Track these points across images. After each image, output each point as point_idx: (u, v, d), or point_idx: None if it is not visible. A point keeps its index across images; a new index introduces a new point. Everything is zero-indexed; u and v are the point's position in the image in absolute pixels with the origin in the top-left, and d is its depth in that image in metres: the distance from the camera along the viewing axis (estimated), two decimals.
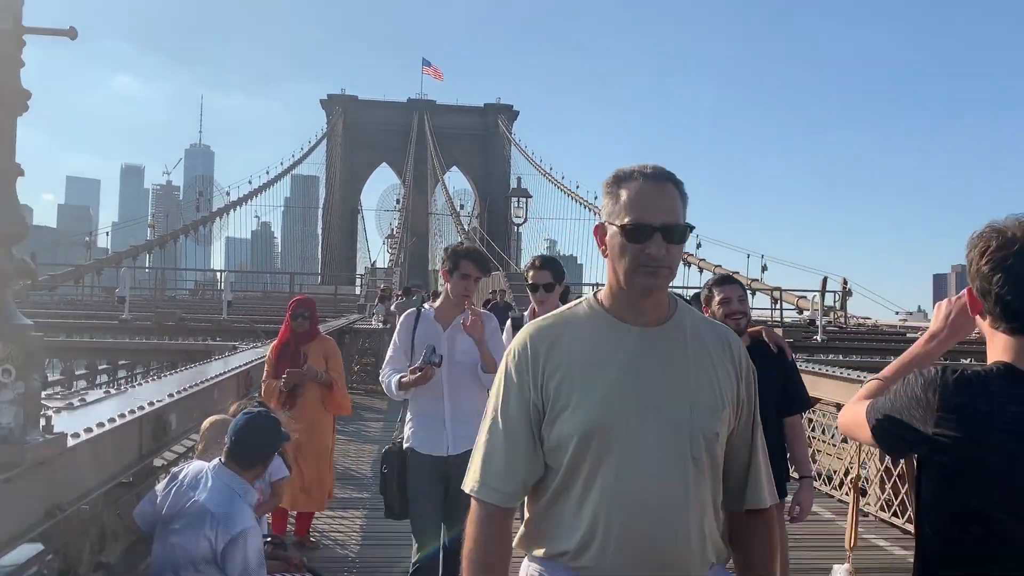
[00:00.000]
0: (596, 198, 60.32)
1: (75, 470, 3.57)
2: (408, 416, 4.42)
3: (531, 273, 4.81)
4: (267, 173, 72.61)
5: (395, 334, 4.54)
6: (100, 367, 15.49)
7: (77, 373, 15.48)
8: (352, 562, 6.18)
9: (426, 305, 4.61)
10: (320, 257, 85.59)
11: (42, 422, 3.25)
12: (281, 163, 76.04)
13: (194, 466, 3.59)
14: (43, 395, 5.19)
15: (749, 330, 4.16)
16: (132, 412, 4.36)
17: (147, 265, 46.00)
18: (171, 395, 4.95)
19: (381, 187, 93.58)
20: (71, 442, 3.47)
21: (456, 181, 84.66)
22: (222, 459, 3.45)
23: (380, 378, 4.49)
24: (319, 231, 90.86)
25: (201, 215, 53.28)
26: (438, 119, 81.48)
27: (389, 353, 4.54)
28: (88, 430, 3.72)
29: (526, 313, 5.01)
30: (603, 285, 1.97)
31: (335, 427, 7.14)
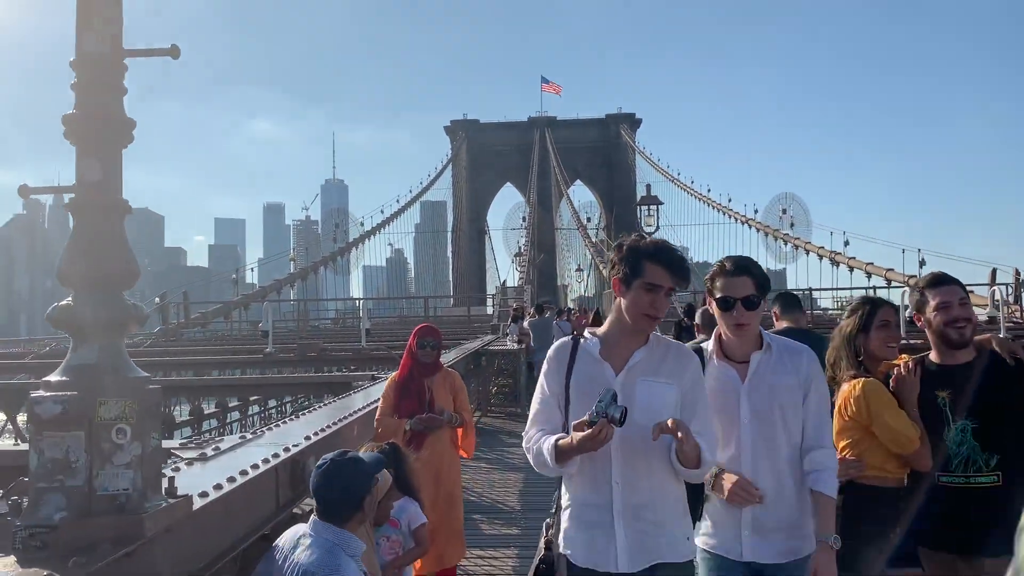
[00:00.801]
0: (730, 200, 58.59)
1: (204, 533, 3.23)
2: (563, 503, 2.97)
3: (720, 282, 3.14)
4: (397, 202, 74.56)
5: (541, 378, 3.12)
6: (251, 400, 15.86)
7: (230, 405, 15.92)
8: None
9: (587, 334, 3.06)
10: (451, 280, 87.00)
11: (164, 483, 2.91)
12: (410, 191, 77.93)
13: (291, 530, 3.18)
14: (179, 443, 5.02)
15: (977, 338, 3.37)
16: (267, 461, 4.04)
17: (291, 298, 47.90)
18: (308, 437, 4.62)
19: (507, 206, 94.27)
20: (198, 503, 3.13)
21: (581, 195, 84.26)
22: (316, 515, 3.03)
23: (524, 444, 3.03)
24: (449, 254, 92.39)
25: (338, 246, 54.99)
26: (559, 134, 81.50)
27: (534, 407, 3.09)
28: (218, 487, 3.38)
29: (706, 345, 3.24)
30: None
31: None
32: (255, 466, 3.92)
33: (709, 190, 61.31)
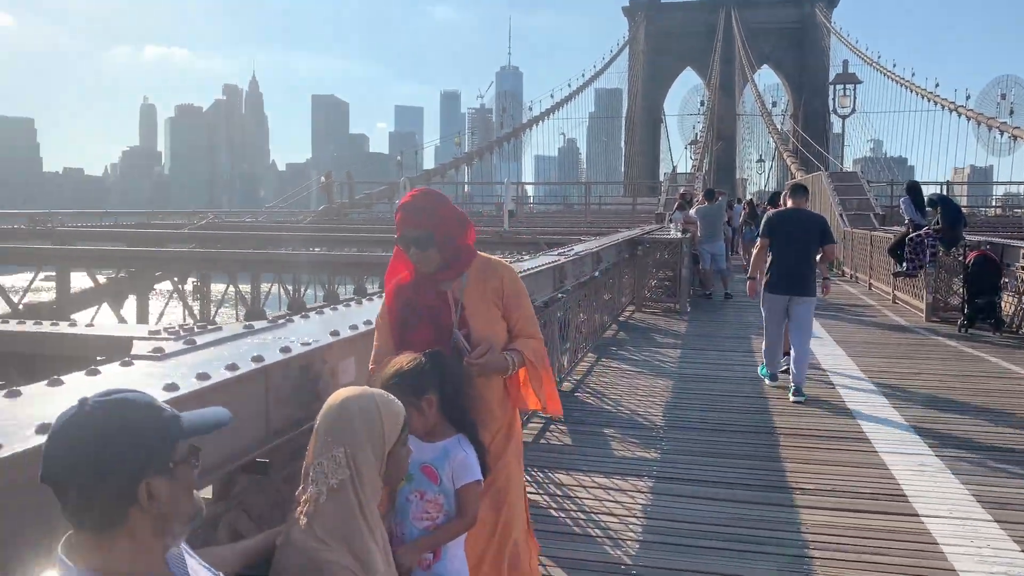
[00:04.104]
0: (937, 86, 52.03)
1: None
2: None
3: None
4: (568, 87, 72.03)
5: None
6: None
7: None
8: None
9: None
10: (623, 170, 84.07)
11: None
12: (583, 75, 75.02)
13: None
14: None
15: None
16: (258, 359, 2.70)
17: (464, 181, 47.45)
18: (335, 333, 3.23)
19: (684, 91, 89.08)
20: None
21: (767, 79, 78.00)
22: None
23: None
24: (622, 144, 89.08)
25: (505, 131, 53.79)
26: (746, 14, 74.98)
27: None
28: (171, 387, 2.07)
29: None
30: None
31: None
32: (232, 366, 2.60)
33: (913, 74, 54.55)
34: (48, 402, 2.09)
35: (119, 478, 1.45)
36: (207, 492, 2.79)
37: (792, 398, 7.88)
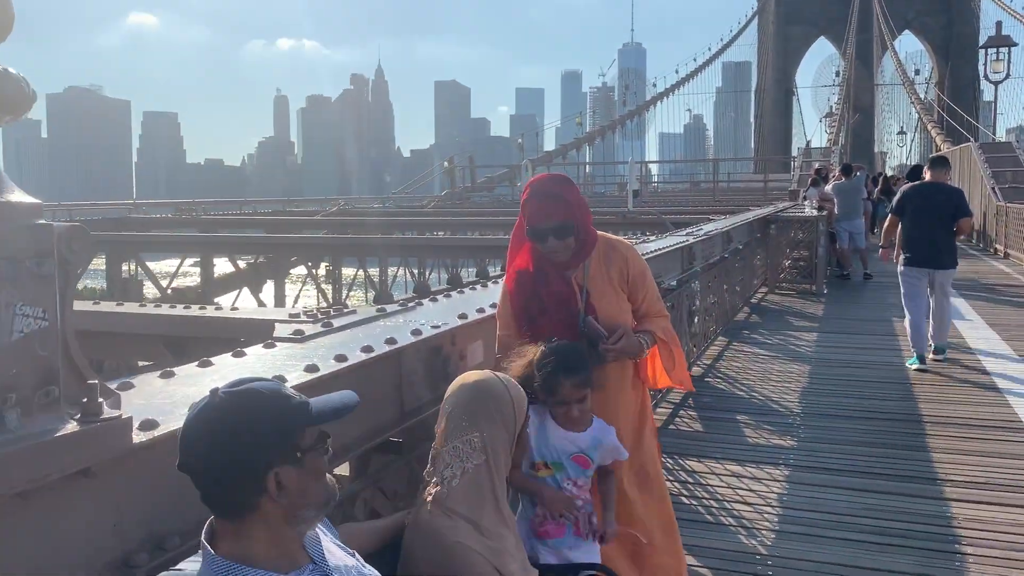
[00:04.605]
0: None
1: None
2: None
3: None
4: (695, 61, 70.37)
5: None
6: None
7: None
8: None
9: None
10: (753, 146, 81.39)
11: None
12: (709, 49, 73.10)
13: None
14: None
15: None
16: (392, 342, 2.75)
17: (586, 162, 47.16)
18: (463, 316, 3.25)
19: (817, 62, 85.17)
20: None
21: (908, 46, 73.50)
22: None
23: None
24: (752, 118, 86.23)
25: (627, 109, 53.06)
26: None
27: None
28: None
29: None
30: None
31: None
32: (367, 348, 2.65)
33: None
34: (199, 382, 2.19)
35: (248, 470, 1.48)
36: (345, 469, 2.89)
37: (932, 357, 8.26)
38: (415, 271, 24.11)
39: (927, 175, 8.76)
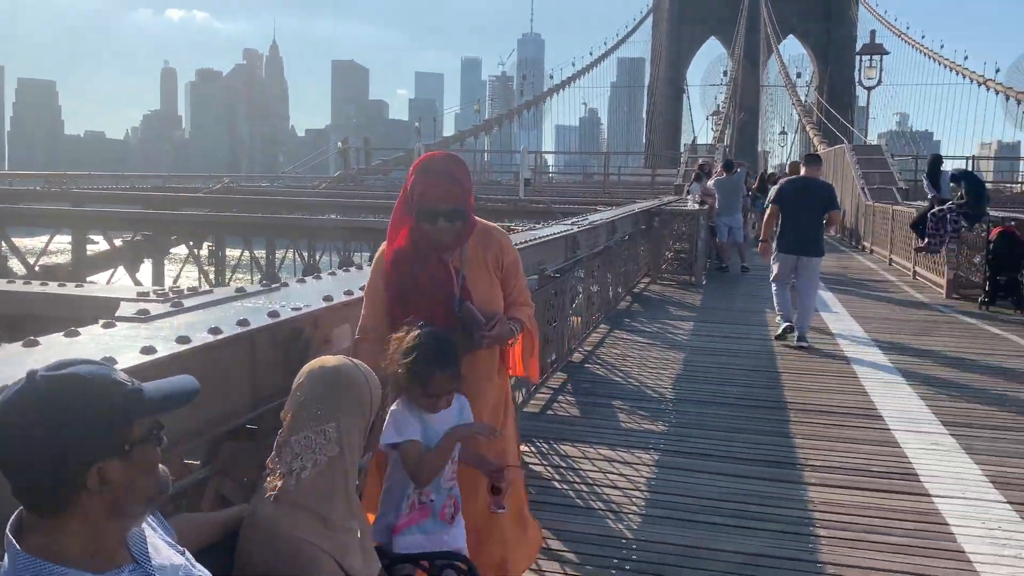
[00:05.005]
0: (966, 58, 50.94)
1: None
2: None
3: None
4: (590, 55, 71.28)
5: None
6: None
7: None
8: None
9: None
10: (644, 140, 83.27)
11: None
12: (605, 43, 74.20)
13: None
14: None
15: None
16: (244, 323, 2.63)
17: (484, 149, 47.10)
18: (328, 298, 3.14)
19: (708, 61, 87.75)
20: None
21: (792, 50, 76.67)
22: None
23: None
24: (644, 114, 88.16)
25: (525, 99, 53.34)
26: None
27: None
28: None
29: None
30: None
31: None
32: (215, 330, 2.52)
33: (942, 46, 53.47)
34: (19, 365, 2.01)
35: (66, 465, 1.34)
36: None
37: (795, 343, 8.83)
38: (304, 253, 23.55)
39: (802, 170, 9.60)
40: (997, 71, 48.16)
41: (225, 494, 2.83)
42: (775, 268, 9.25)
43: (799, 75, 70.91)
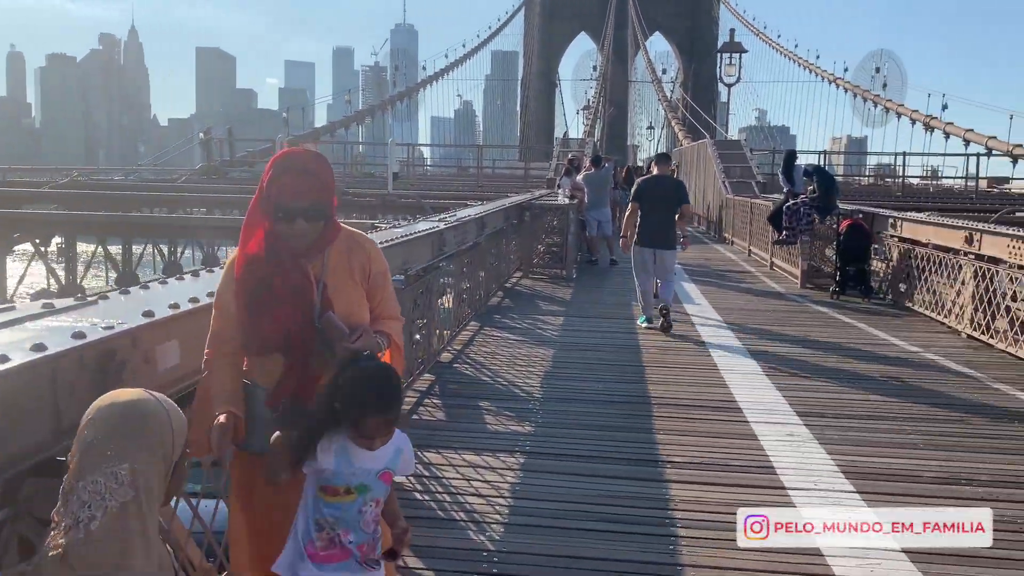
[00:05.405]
0: (818, 58, 53.89)
1: None
2: None
3: None
4: (463, 47, 71.06)
5: None
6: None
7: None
8: None
9: None
10: (519, 133, 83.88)
11: None
12: (478, 36, 74.15)
13: None
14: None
15: None
16: (40, 348, 2.31)
17: (356, 141, 46.11)
18: (149, 314, 2.84)
19: (579, 55, 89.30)
20: None
21: (659, 48, 79.06)
22: None
23: None
24: (518, 108, 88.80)
25: (398, 90, 52.65)
26: None
27: None
28: None
29: None
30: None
31: None
32: (2, 358, 2.20)
33: (796, 45, 56.58)
34: None
35: None
36: None
37: (659, 325, 9.46)
38: (165, 249, 22.34)
39: (654, 169, 10.43)
40: (846, 70, 51.23)
41: (29, 536, 2.53)
42: (635, 262, 9.94)
43: (664, 71, 73.20)
